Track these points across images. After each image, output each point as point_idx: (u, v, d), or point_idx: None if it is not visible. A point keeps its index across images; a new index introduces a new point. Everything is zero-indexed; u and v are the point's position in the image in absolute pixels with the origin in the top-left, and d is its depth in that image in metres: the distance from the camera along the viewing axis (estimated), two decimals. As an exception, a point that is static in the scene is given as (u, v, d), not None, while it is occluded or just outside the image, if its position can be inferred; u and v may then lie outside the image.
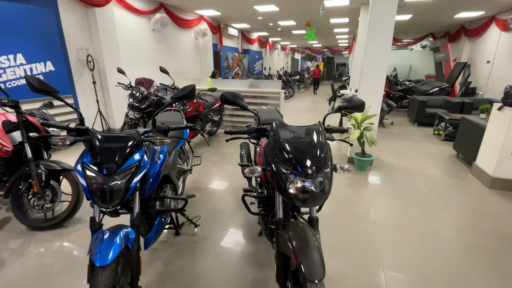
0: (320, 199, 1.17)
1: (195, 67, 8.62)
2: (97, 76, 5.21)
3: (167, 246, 2.09)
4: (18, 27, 3.63)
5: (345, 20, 9.19)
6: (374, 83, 3.46)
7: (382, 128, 6.04)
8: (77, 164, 1.27)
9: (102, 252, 1.13)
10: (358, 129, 3.46)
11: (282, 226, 1.33)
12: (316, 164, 1.17)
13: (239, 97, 1.44)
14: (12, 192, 2.24)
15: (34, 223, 2.29)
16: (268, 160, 1.26)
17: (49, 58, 4.05)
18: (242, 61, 11.82)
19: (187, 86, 1.49)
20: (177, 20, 7.19)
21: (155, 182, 1.52)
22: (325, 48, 21.69)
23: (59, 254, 2.02)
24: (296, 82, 15.34)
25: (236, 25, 10.33)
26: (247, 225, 2.37)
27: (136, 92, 4.09)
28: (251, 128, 1.42)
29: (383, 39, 3.27)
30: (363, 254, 2.02)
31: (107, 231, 1.24)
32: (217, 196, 2.90)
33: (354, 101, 1.46)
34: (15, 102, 2.13)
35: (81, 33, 4.82)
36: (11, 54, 3.60)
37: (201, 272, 1.84)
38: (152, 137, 1.41)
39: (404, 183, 3.26)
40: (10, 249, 2.06)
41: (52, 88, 1.31)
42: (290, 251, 1.17)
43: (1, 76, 3.53)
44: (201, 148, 4.53)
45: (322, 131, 1.30)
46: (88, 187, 1.20)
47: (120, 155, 1.25)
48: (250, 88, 5.48)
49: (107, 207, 1.23)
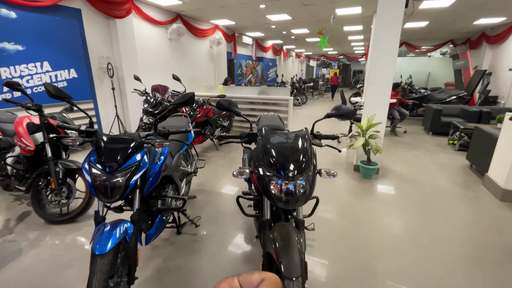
0: (301, 201, 1.23)
1: (209, 74, 8.91)
2: (116, 83, 5.54)
3: (168, 244, 2.21)
4: (45, 37, 3.99)
5: (359, 28, 9.17)
6: (380, 91, 3.46)
7: (394, 137, 5.93)
8: (84, 162, 1.42)
9: (102, 242, 1.25)
10: (363, 136, 3.46)
11: (269, 226, 1.40)
12: (298, 167, 1.24)
13: (233, 104, 1.54)
14: (33, 188, 2.46)
15: (51, 217, 2.49)
16: (255, 164, 1.35)
17: (73, 66, 4.39)
18: (255, 69, 12.04)
19: (186, 94, 1.62)
20: (193, 30, 7.51)
21: (155, 181, 1.65)
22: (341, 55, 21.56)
23: (71, 247, 2.19)
24: (310, 89, 15.34)
25: (250, 33, 10.58)
26: (245, 228, 2.45)
27: (150, 98, 4.33)
28: (244, 133, 1.52)
29: (389, 47, 3.28)
30: (361, 263, 2.03)
31: (109, 224, 1.36)
32: (220, 199, 3.00)
33: (342, 109, 1.52)
34: (38, 106, 2.36)
35: (102, 42, 5.18)
36: (38, 62, 3.95)
37: (198, 270, 1.93)
38: (152, 140, 1.54)
39: (410, 192, 3.21)
40: (28, 240, 2.26)
41: (66, 95, 1.48)
42: (272, 250, 1.24)
43: (28, 82, 3.88)
44: (209, 153, 4.67)
45: (307, 137, 1.37)
46: (92, 183, 1.35)
47: (121, 155, 1.39)
48: (259, 95, 5.61)
49: (108, 201, 1.36)
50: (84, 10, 4.76)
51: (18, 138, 2.44)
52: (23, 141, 2.42)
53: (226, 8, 6.46)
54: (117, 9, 5.13)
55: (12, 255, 2.07)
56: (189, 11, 6.72)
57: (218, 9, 6.56)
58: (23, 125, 2.45)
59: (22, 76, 3.81)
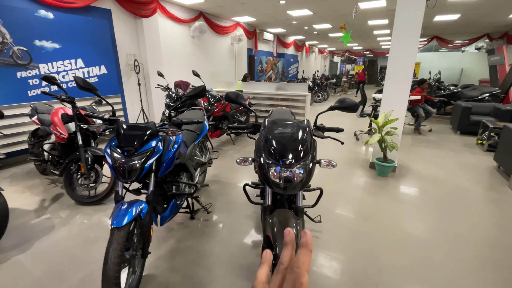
0: (298, 187, 1.30)
1: (229, 71, 9.08)
2: (142, 79, 5.88)
3: (182, 227, 2.37)
4: (79, 36, 4.34)
5: (385, 22, 8.83)
6: (398, 87, 3.37)
7: (418, 135, 5.70)
8: (106, 146, 1.60)
9: (119, 217, 1.41)
10: (379, 133, 3.40)
11: (270, 212, 1.48)
12: (296, 156, 1.30)
13: (240, 96, 1.64)
14: (65, 172, 2.74)
15: (80, 199, 2.77)
16: (257, 153, 1.43)
17: (103, 63, 4.73)
18: (276, 65, 12.03)
19: (198, 87, 1.75)
20: (214, 27, 7.70)
21: (168, 166, 1.79)
22: (366, 51, 20.80)
23: (97, 226, 2.43)
24: (332, 86, 15.02)
25: (271, 29, 10.59)
26: (254, 217, 2.55)
27: (172, 93, 4.56)
28: (249, 124, 1.61)
29: (409, 41, 3.18)
30: (367, 257, 2.04)
31: (126, 203, 1.53)
32: (233, 189, 3.12)
33: (346, 102, 1.55)
34: (71, 98, 2.63)
35: (130, 40, 5.51)
36: (73, 59, 4.32)
37: (207, 251, 2.06)
38: (166, 128, 1.69)
39: (427, 192, 3.11)
40: (60, 218, 2.54)
41: (93, 87, 1.67)
42: (270, 233, 1.32)
43: (64, 77, 4.26)
44: (226, 147, 4.82)
45: (308, 128, 1.43)
46: (112, 165, 1.51)
47: (138, 140, 1.54)
48: (277, 90, 5.65)
49: (126, 181, 1.52)
50: (114, 10, 5.09)
51: (54, 127, 2.74)
52: (58, 130, 2.70)
53: (246, 5, 6.55)
54: (144, 8, 5.42)
55: (45, 230, 2.35)
56: (211, 8, 6.89)
57: (239, 6, 6.67)
58: (58, 116, 2.73)
59: (58, 71, 4.19)
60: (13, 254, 2.05)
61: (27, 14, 3.77)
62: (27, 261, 1.98)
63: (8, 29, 3.62)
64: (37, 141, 3.27)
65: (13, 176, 3.50)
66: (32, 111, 3.26)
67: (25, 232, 2.32)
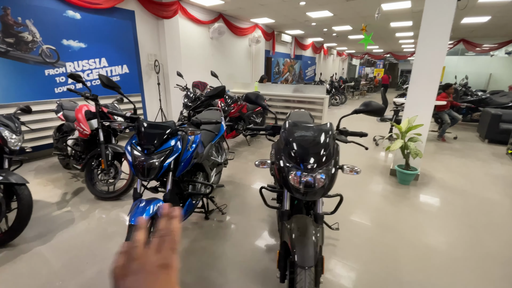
0: (319, 194, 1.25)
1: (246, 72, 9.10)
2: (161, 78, 6.00)
3: (196, 227, 2.37)
4: (103, 36, 4.49)
5: (409, 24, 8.53)
6: (423, 92, 3.22)
7: (442, 143, 5.44)
8: (127, 144, 1.61)
9: (137, 215, 1.42)
10: (401, 139, 3.26)
11: (287, 217, 1.43)
12: (318, 160, 1.25)
13: (260, 97, 1.60)
14: (87, 167, 2.83)
15: (100, 194, 2.84)
16: (276, 156, 1.39)
17: (125, 62, 4.87)
18: (293, 67, 11.93)
19: (218, 87, 1.73)
20: (233, 29, 7.74)
21: (186, 166, 1.79)
22: (387, 54, 20.23)
23: (115, 221, 2.47)
24: (350, 89, 14.71)
25: (289, 31, 10.52)
26: (269, 220, 2.50)
27: (190, 94, 4.61)
28: (268, 125, 1.57)
29: (437, 43, 3.03)
30: (386, 269, 1.95)
31: (144, 200, 1.53)
32: (247, 191, 3.10)
33: (371, 105, 1.48)
34: (94, 96, 2.71)
35: (151, 41, 5.64)
36: (97, 58, 4.47)
37: (221, 253, 2.04)
38: (185, 128, 1.68)
39: (452, 203, 2.94)
40: (80, 212, 2.62)
41: (116, 85, 1.70)
42: (288, 239, 1.27)
43: (89, 75, 4.42)
44: (241, 147, 4.81)
45: (331, 131, 1.37)
46: (132, 163, 1.53)
47: (158, 139, 1.55)
48: (294, 93, 5.58)
49: (145, 179, 1.53)
50: (137, 11, 5.23)
51: (78, 123, 2.83)
52: (81, 126, 2.79)
53: (266, 6, 6.54)
54: (166, 10, 5.54)
55: (66, 223, 2.42)
56: (231, 10, 6.94)
57: (258, 8, 6.67)
58: (82, 112, 2.82)
59: (83, 70, 4.35)
60: (35, 244, 2.12)
61: (56, 14, 3.95)
62: (47, 253, 2.04)
63: (38, 28, 3.80)
64: (61, 136, 3.40)
65: (38, 169, 3.66)
66: (58, 107, 3.39)
67: (47, 224, 2.40)
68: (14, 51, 3.63)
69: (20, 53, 3.69)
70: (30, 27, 3.72)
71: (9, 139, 2.17)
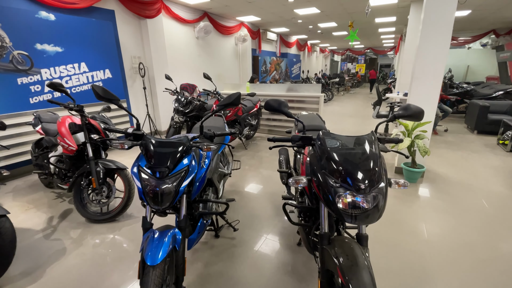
0: (373, 217, 1.08)
1: (234, 72, 8.85)
2: (147, 82, 5.64)
3: (207, 248, 2.15)
4: (82, 38, 4.10)
5: (392, 19, 8.64)
6: (427, 87, 3.17)
7: (435, 136, 5.50)
8: (133, 166, 1.37)
9: (153, 252, 1.19)
10: (408, 137, 3.20)
11: (328, 241, 1.26)
12: (370, 178, 1.08)
13: (284, 105, 1.41)
14: (75, 187, 2.51)
15: (92, 216, 2.53)
16: (314, 171, 1.21)
17: (107, 66, 4.49)
18: (279, 65, 11.82)
19: (233, 94, 1.52)
20: (219, 28, 7.47)
21: (201, 185, 1.57)
22: (367, 49, 20.65)
23: (112, 246, 2.19)
24: (335, 85, 14.83)
25: (275, 29, 10.37)
26: (284, 233, 2.32)
27: (181, 97, 4.33)
28: (296, 136, 1.38)
29: (440, 38, 2.98)
30: (413, 276, 1.83)
31: (157, 231, 1.30)
32: (255, 200, 2.90)
33: (411, 109, 1.33)
34: (80, 107, 2.39)
35: (134, 42, 5.27)
36: (76, 63, 4.07)
37: (239, 277, 1.84)
38: (200, 143, 1.46)
39: (462, 199, 2.91)
40: (70, 239, 2.31)
41: (114, 96, 1.44)
42: (337, 268, 1.10)
43: (67, 82, 4.02)
44: (238, 152, 4.60)
45: (375, 141, 1.21)
46: (142, 189, 1.28)
47: (172, 160, 1.31)
48: (288, 92, 5.43)
49: (158, 208, 1.30)
50: (117, 11, 4.85)
51: (61, 138, 2.50)
52: (66, 141, 2.46)
53: (253, 4, 6.33)
54: (148, 9, 5.19)
55: (56, 254, 2.11)
56: (216, 8, 6.67)
57: (245, 5, 6.45)
58: (65, 126, 2.50)
59: (61, 77, 3.95)
60: (24, 284, 1.82)
61: (27, 16, 3.53)
62: (37, 293, 1.75)
63: (7, 32, 3.38)
64: (41, 152, 3.03)
65: (16, 190, 3.26)
66: (35, 120, 3.02)
67: (34, 257, 2.08)
68: (-21, 58, 3.20)
69: (-13, 60, 3.26)
70: (-4, 30, 3.29)
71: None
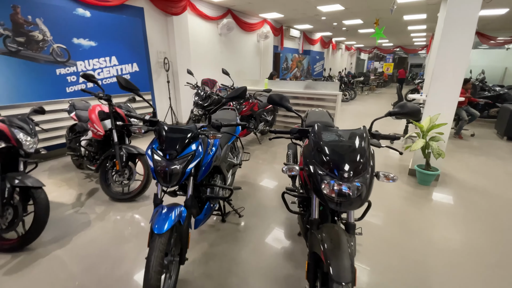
0: (355, 204, 1.16)
1: (255, 68, 8.98)
2: (171, 76, 5.94)
3: (214, 230, 2.32)
4: (113, 34, 4.44)
5: (422, 17, 8.26)
6: (447, 88, 3.08)
7: (459, 140, 5.26)
8: (148, 148, 1.55)
9: (160, 223, 1.36)
10: (423, 138, 3.14)
11: (317, 226, 1.36)
12: (354, 168, 1.16)
13: (285, 99, 1.52)
14: (101, 168, 2.79)
15: (115, 195, 2.80)
16: (306, 161, 1.31)
17: (135, 60, 4.82)
18: (301, 62, 11.75)
19: (239, 88, 1.65)
20: (242, 24, 7.61)
21: (207, 170, 1.73)
22: (397, 47, 19.77)
23: (130, 223, 2.44)
24: (359, 84, 14.43)
25: (298, 26, 10.32)
26: (287, 224, 2.43)
27: (201, 92, 4.54)
28: (294, 129, 1.49)
29: (462, 38, 2.88)
30: (415, 277, 1.86)
31: (166, 207, 1.48)
32: (263, 192, 3.03)
33: (407, 107, 1.38)
34: (108, 96, 2.65)
35: (160, 38, 5.57)
36: (108, 56, 4.42)
37: (241, 259, 1.98)
38: (207, 131, 1.61)
39: (476, 204, 2.82)
40: (95, 214, 2.59)
41: (134, 87, 1.63)
42: (321, 251, 1.20)
43: (99, 74, 4.38)
44: (252, 146, 4.74)
45: (366, 136, 1.28)
46: (154, 168, 1.47)
47: (180, 144, 1.48)
48: (306, 89, 5.46)
49: (167, 186, 1.47)
50: (146, 8, 5.16)
51: (91, 123, 2.79)
52: (95, 127, 2.75)
53: (276, 1, 6.39)
54: (174, 6, 5.45)
55: (82, 226, 2.39)
56: (240, 5, 6.81)
57: (268, 2, 6.52)
58: (95, 113, 2.78)
59: (94, 69, 4.31)
60: (53, 248, 2.10)
61: (66, 12, 3.90)
62: (65, 256, 2.01)
63: (49, 27, 3.76)
64: (74, 136, 3.38)
65: (51, 169, 3.66)
66: (70, 107, 3.36)
67: (63, 227, 2.38)
68: (25, 51, 3.60)
69: (31, 53, 3.66)
70: (40, 25, 3.68)
71: (24, 141, 2.14)
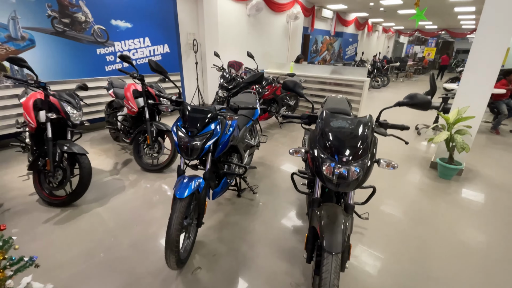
0: (352, 186, 1.27)
1: (282, 51, 8.84)
2: (199, 58, 6.14)
3: (229, 203, 2.55)
4: (147, 15, 4.68)
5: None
6: (480, 80, 2.90)
7: (495, 136, 4.92)
8: (173, 125, 1.77)
9: (181, 189, 1.59)
10: (448, 130, 3.04)
11: (318, 204, 1.49)
12: (354, 153, 1.26)
13: (298, 85, 1.62)
14: (134, 141, 3.13)
15: (145, 166, 3.15)
16: (311, 145, 1.43)
17: (166, 42, 5.06)
18: (332, 45, 11.29)
19: (257, 73, 1.78)
20: (271, 5, 7.47)
21: (224, 148, 1.91)
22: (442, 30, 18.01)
23: (158, 191, 2.76)
24: (394, 70, 13.56)
25: (331, 6, 9.85)
26: (298, 204, 2.59)
27: (226, 74, 4.69)
28: (304, 114, 1.59)
29: (503, 25, 2.67)
30: (415, 263, 1.95)
31: (187, 177, 1.70)
32: (278, 173, 3.19)
33: (417, 98, 1.42)
34: (141, 76, 2.91)
35: (190, 19, 5.73)
36: (141, 38, 4.70)
37: (251, 229, 2.20)
38: (224, 113, 1.78)
39: (499, 202, 2.74)
40: (129, 180, 2.95)
41: (164, 70, 1.83)
42: (318, 225, 1.34)
43: (134, 54, 4.70)
44: (273, 130, 4.86)
45: (371, 124, 1.36)
46: (178, 143, 1.68)
47: (200, 123, 1.67)
48: (332, 74, 5.36)
49: (188, 159, 1.69)
50: (178, -11, 5.30)
51: (126, 101, 3.09)
52: (129, 104, 3.05)
53: (308, -20, 6.15)
54: (205, -13, 5.52)
55: (118, 190, 2.76)
56: (270, -15, 6.66)
57: (299, -18, 6.30)
58: (130, 91, 3.07)
59: (129, 49, 4.63)
60: (94, 206, 2.48)
61: (106, -5, 4.18)
62: (104, 213, 2.38)
63: (90, 9, 4.08)
64: (112, 112, 3.76)
65: (92, 140, 4.13)
66: (108, 85, 3.72)
67: (103, 189, 2.76)
68: (70, 31, 3.97)
69: (75, 33, 4.03)
70: (83, 7, 4.01)
71: (71, 114, 2.47)
